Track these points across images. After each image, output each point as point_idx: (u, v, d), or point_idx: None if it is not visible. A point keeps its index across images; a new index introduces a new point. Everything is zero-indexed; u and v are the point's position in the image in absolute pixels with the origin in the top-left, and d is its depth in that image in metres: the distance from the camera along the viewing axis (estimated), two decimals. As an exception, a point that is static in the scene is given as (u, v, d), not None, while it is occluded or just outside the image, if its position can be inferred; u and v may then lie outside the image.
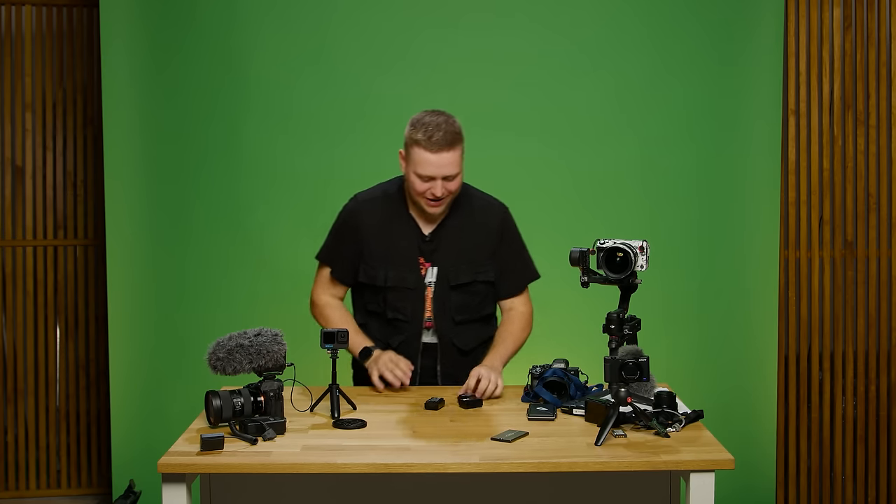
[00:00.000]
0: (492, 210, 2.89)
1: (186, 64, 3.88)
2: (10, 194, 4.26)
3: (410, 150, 2.70)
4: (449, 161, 2.67)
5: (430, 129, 2.66)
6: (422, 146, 2.66)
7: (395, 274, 2.80)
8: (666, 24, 3.88)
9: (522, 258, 2.96)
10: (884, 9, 4.07)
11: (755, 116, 3.91)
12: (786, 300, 4.13)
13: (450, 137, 2.66)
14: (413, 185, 2.72)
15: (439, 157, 2.66)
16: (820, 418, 4.17)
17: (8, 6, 4.21)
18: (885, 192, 4.11)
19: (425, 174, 2.68)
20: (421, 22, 3.86)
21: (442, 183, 2.68)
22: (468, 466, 2.15)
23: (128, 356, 3.97)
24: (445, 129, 2.66)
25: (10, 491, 4.32)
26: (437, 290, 2.82)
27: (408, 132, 2.72)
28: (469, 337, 2.87)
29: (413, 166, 2.70)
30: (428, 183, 2.69)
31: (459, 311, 2.84)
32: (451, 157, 2.67)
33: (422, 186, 2.70)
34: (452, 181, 2.71)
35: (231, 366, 2.42)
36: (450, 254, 2.82)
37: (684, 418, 2.39)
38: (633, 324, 2.42)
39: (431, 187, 2.69)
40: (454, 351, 2.86)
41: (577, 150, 3.90)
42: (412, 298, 2.81)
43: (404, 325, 2.83)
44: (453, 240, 2.82)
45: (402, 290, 2.81)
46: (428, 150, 2.65)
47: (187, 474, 2.19)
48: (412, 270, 2.81)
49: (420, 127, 2.68)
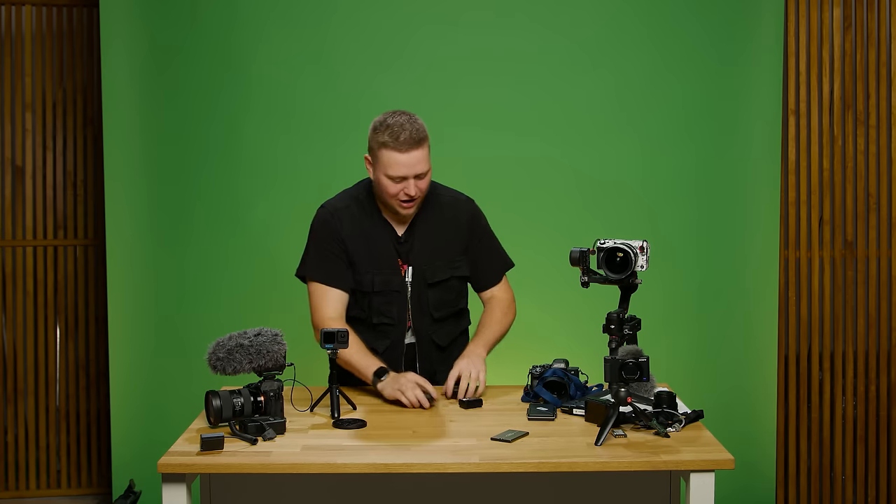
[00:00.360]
0: (459, 205, 2.88)
1: (186, 63, 3.88)
2: (10, 194, 4.26)
3: (378, 154, 2.69)
4: (418, 159, 2.66)
5: (396, 130, 2.65)
6: (390, 147, 2.65)
7: (381, 278, 2.79)
8: (666, 24, 3.88)
9: (496, 249, 2.96)
10: (884, 9, 4.07)
11: (755, 116, 3.91)
12: (786, 300, 4.13)
13: (416, 136, 2.66)
14: (385, 189, 2.70)
15: (409, 156, 2.65)
16: (820, 418, 4.17)
17: (8, 6, 4.21)
18: (885, 192, 4.11)
19: (397, 175, 2.66)
20: (421, 20, 3.86)
21: (414, 182, 2.68)
22: (468, 466, 2.15)
23: (128, 356, 3.97)
24: (411, 127, 2.66)
25: (10, 491, 4.32)
26: (415, 290, 2.81)
27: (372, 136, 2.71)
28: (445, 333, 2.88)
29: (383, 169, 2.68)
30: (400, 184, 2.68)
31: (437, 309, 2.83)
32: (420, 155, 2.67)
33: (394, 188, 2.69)
34: (423, 179, 2.71)
35: (231, 366, 2.42)
36: (424, 252, 2.81)
37: (684, 418, 2.39)
38: (633, 324, 2.42)
39: (404, 188, 2.68)
40: (433, 348, 2.86)
41: (577, 150, 3.90)
42: (397, 301, 2.80)
43: (390, 330, 2.82)
44: (427, 238, 2.82)
45: (389, 294, 2.80)
46: (397, 150, 2.65)
47: (187, 474, 2.19)
48: (395, 273, 2.80)
49: (385, 129, 2.67)
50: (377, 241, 2.80)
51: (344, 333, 2.51)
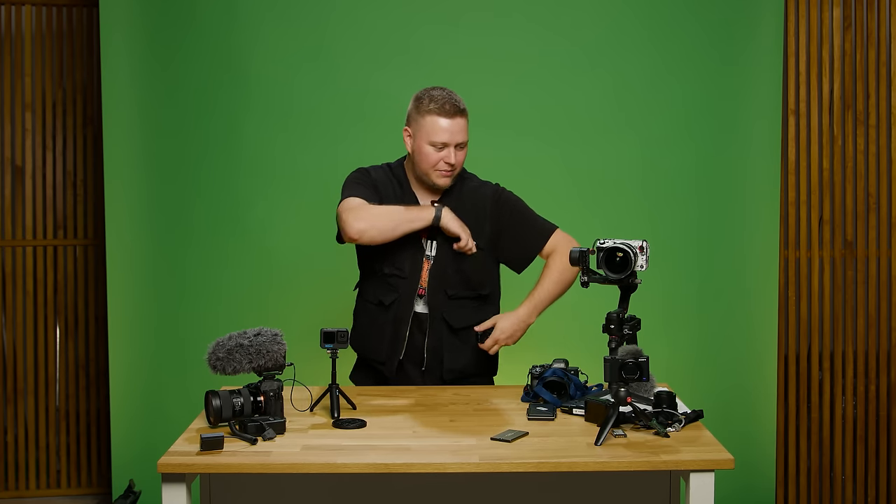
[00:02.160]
0: (483, 190, 2.93)
1: (186, 63, 3.88)
2: (10, 194, 4.27)
3: (422, 121, 2.77)
4: (461, 127, 2.77)
5: (441, 98, 2.76)
6: (435, 113, 2.75)
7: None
8: (666, 24, 3.88)
9: (530, 221, 2.94)
10: (884, 9, 4.07)
11: (755, 116, 3.91)
12: (786, 300, 4.13)
13: (460, 105, 2.78)
14: (426, 157, 2.78)
15: (453, 122, 2.75)
16: (820, 418, 4.17)
17: (8, 6, 4.21)
18: (885, 192, 4.11)
19: (440, 141, 2.75)
20: (420, 19, 3.86)
21: (454, 151, 2.76)
22: (468, 466, 2.15)
23: (128, 356, 3.97)
24: (455, 98, 2.79)
25: (10, 491, 4.32)
26: (437, 263, 2.83)
27: (414, 106, 2.81)
28: (461, 315, 2.86)
29: (426, 136, 2.76)
30: (442, 152, 2.76)
31: (454, 286, 2.84)
32: (463, 124, 2.78)
33: (435, 157, 2.77)
34: (462, 150, 2.80)
35: (231, 366, 2.42)
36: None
37: (684, 418, 2.39)
38: (633, 324, 2.42)
39: (445, 156, 2.76)
40: (444, 326, 2.85)
41: (577, 150, 3.90)
42: (411, 258, 2.82)
43: (400, 283, 2.83)
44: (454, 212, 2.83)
45: (404, 248, 2.81)
46: (442, 115, 2.75)
47: (187, 474, 2.19)
48: (414, 240, 2.81)
49: (430, 99, 2.78)
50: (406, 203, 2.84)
51: (344, 333, 2.51)
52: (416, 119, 2.80)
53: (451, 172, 2.80)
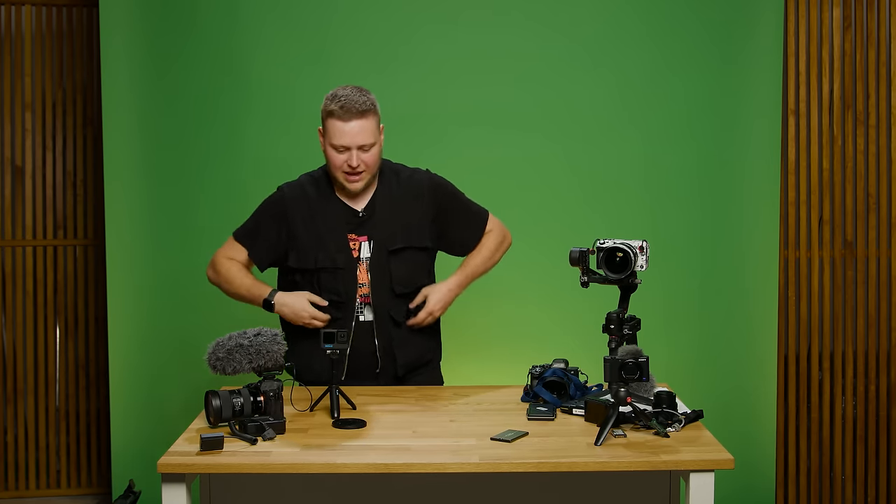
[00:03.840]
0: (418, 175, 2.91)
1: (186, 63, 3.88)
2: (10, 194, 4.26)
3: (325, 124, 2.75)
4: (361, 129, 2.70)
5: (342, 100, 2.70)
6: (335, 116, 2.71)
7: (324, 255, 2.79)
8: (666, 23, 3.88)
9: (467, 210, 2.96)
10: (884, 9, 4.07)
11: (755, 116, 3.91)
12: (786, 300, 4.13)
13: (361, 107, 2.70)
14: (331, 160, 2.76)
15: (352, 125, 2.70)
16: (820, 418, 4.17)
17: (8, 6, 4.21)
18: (885, 192, 4.11)
19: (340, 144, 2.71)
20: (420, 20, 3.86)
21: (357, 154, 2.71)
22: (468, 466, 2.15)
23: (128, 356, 3.97)
24: (357, 98, 2.71)
25: (10, 491, 4.32)
26: (374, 262, 2.80)
27: (322, 106, 2.77)
28: (404, 309, 2.86)
29: (329, 138, 2.74)
30: (344, 154, 2.72)
31: (400, 283, 2.82)
32: (364, 125, 2.71)
33: (338, 159, 2.74)
34: (368, 153, 2.73)
35: (231, 366, 2.42)
36: (383, 222, 2.82)
37: (684, 418, 2.39)
38: (633, 324, 2.42)
39: (347, 159, 2.72)
40: (391, 324, 2.83)
41: (578, 150, 3.90)
42: (344, 278, 2.79)
43: (339, 305, 2.80)
44: (386, 209, 2.83)
45: (333, 271, 2.79)
46: (341, 119, 2.70)
47: (187, 474, 2.19)
48: (341, 250, 2.80)
49: (333, 99, 2.73)
50: (326, 219, 2.82)
51: (344, 333, 2.51)
52: (323, 120, 2.77)
53: (358, 176, 2.75)
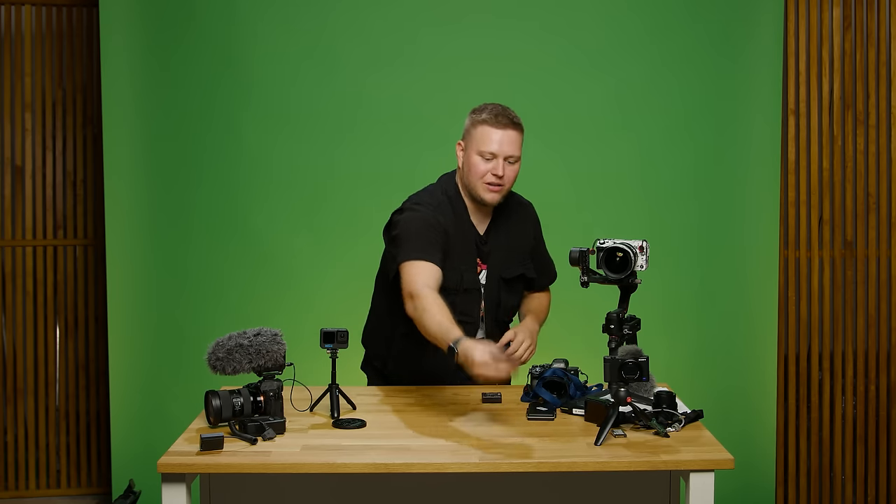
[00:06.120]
0: (525, 208, 2.95)
1: (186, 63, 3.88)
2: (10, 194, 4.27)
3: (473, 132, 2.72)
4: (511, 139, 2.70)
5: (496, 111, 2.72)
6: (487, 123, 2.70)
7: (467, 276, 2.78)
8: (665, 24, 3.88)
9: (548, 257, 3.02)
10: (884, 9, 4.07)
11: (755, 116, 3.91)
12: (785, 300, 4.13)
13: (515, 118, 2.73)
14: (474, 167, 2.71)
15: (504, 133, 2.69)
16: (820, 418, 4.17)
17: (8, 6, 4.21)
18: (885, 192, 4.11)
19: (489, 150, 2.69)
20: (420, 20, 3.86)
21: (503, 163, 2.70)
22: (468, 466, 2.15)
23: (128, 356, 3.97)
24: (510, 112, 2.74)
25: (10, 491, 4.32)
26: (489, 290, 2.81)
27: (469, 118, 2.76)
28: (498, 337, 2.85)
29: (476, 145, 2.71)
30: (490, 163, 2.70)
31: (506, 311, 2.86)
32: (514, 137, 2.71)
33: (483, 167, 2.70)
34: (512, 166, 2.73)
35: (231, 366, 2.42)
36: (500, 252, 2.83)
37: (684, 418, 2.39)
38: (633, 324, 2.42)
39: (493, 167, 2.69)
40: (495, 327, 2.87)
41: (577, 150, 3.90)
42: (475, 300, 2.80)
43: (468, 328, 2.75)
44: (503, 238, 2.84)
45: (472, 292, 2.79)
46: (493, 126, 2.70)
47: (187, 474, 2.19)
48: (473, 271, 2.81)
49: (485, 110, 2.74)
50: (465, 238, 2.79)
51: (343, 333, 2.51)
52: (469, 131, 2.75)
53: (500, 188, 2.72)
